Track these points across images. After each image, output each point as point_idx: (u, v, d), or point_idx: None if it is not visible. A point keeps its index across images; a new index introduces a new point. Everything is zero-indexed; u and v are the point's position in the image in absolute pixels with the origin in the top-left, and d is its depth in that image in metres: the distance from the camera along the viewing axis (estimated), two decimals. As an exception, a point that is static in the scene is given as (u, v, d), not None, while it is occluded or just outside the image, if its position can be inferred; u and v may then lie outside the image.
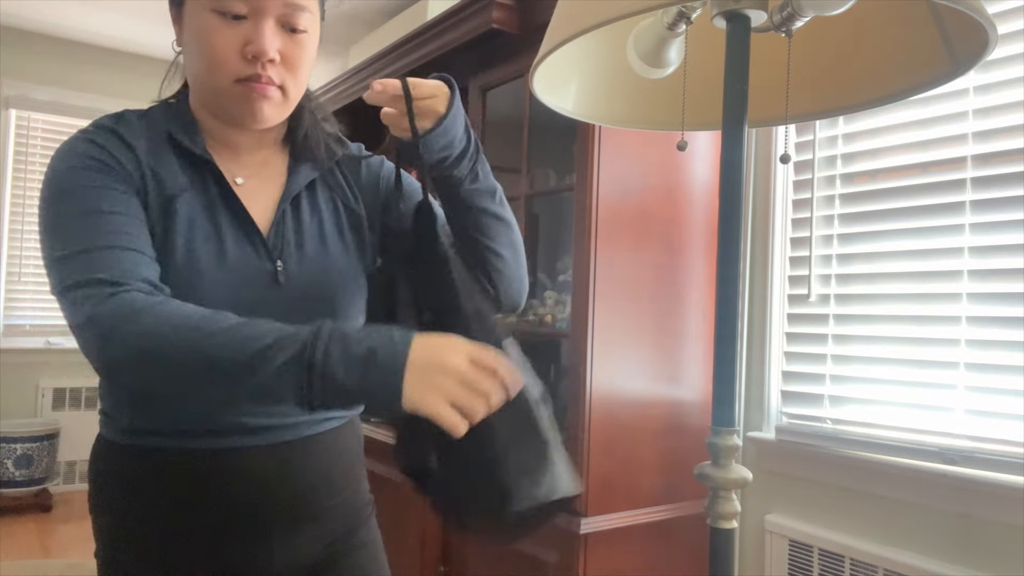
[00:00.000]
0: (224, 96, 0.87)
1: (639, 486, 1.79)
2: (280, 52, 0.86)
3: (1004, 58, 1.48)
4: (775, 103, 0.94)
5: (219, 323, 0.73)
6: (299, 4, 0.86)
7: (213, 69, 0.85)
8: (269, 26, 0.85)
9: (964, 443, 1.49)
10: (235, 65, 0.85)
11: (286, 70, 0.88)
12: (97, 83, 4.14)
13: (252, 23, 0.84)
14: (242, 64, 0.85)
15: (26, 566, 2.89)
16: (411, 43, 2.28)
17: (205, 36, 0.84)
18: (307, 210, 0.96)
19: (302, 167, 0.97)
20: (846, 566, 1.63)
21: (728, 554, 0.76)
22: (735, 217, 0.76)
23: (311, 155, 0.98)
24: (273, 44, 0.85)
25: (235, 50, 0.84)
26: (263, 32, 0.84)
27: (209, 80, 0.86)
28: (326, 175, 1.00)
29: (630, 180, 1.78)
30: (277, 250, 0.91)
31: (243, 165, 0.94)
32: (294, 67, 0.89)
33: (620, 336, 1.76)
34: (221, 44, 0.84)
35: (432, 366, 0.71)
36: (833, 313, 1.76)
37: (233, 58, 0.84)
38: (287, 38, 0.87)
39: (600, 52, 0.96)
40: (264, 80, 0.86)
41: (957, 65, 0.78)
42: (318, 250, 0.95)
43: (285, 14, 0.86)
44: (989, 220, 1.50)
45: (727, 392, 0.76)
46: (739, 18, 0.76)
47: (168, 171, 0.88)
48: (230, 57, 0.84)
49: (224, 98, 0.87)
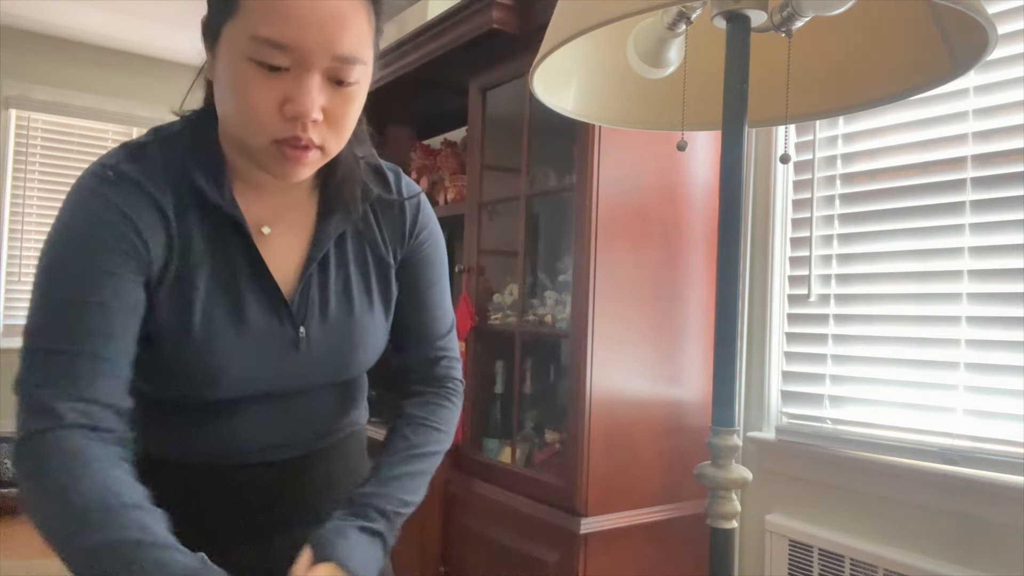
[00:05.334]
0: (258, 155, 0.76)
1: (639, 486, 1.79)
2: (325, 109, 0.74)
3: (1004, 58, 1.48)
4: (775, 103, 0.94)
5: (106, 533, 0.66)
6: (351, 56, 0.73)
7: (247, 126, 0.74)
8: (314, 82, 0.72)
9: (964, 443, 1.49)
10: (272, 124, 0.73)
11: (329, 128, 0.75)
12: (97, 83, 4.14)
13: (294, 76, 0.71)
14: (280, 123, 0.73)
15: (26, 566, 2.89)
16: (411, 43, 2.28)
17: (240, 88, 0.72)
18: (334, 266, 0.88)
19: (333, 215, 0.87)
20: (846, 566, 1.63)
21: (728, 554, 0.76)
22: (735, 217, 0.76)
23: (344, 202, 0.88)
24: (317, 102, 0.72)
25: (273, 107, 0.72)
26: (306, 89, 0.71)
27: (243, 135, 0.75)
28: (357, 221, 0.90)
29: (630, 180, 1.78)
30: (301, 316, 0.85)
31: (270, 208, 0.85)
32: (339, 125, 0.76)
33: (620, 336, 1.76)
34: (257, 100, 0.72)
35: None
36: (833, 313, 1.76)
37: (271, 116, 0.72)
38: (334, 93, 0.74)
39: (600, 52, 0.96)
40: (303, 143, 0.74)
41: (957, 65, 0.78)
42: (343, 310, 0.88)
43: (333, 68, 0.73)
44: (989, 220, 1.50)
45: (727, 392, 0.76)
46: (739, 18, 0.76)
47: (193, 238, 0.80)
48: (267, 115, 0.72)
49: (257, 154, 0.76)
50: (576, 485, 1.70)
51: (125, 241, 0.75)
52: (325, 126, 0.75)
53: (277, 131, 0.73)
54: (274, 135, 0.73)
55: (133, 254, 0.75)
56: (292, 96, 0.72)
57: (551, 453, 1.94)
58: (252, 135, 0.74)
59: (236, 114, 0.74)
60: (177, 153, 0.81)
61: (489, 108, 2.13)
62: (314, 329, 0.86)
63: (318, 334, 0.87)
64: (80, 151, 4.12)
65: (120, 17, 3.72)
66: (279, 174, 0.77)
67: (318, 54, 0.71)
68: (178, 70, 4.32)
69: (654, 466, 1.82)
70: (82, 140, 4.13)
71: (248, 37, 0.70)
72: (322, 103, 0.73)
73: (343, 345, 0.89)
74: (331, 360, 0.89)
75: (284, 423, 0.91)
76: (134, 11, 3.62)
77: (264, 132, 0.73)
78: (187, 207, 0.79)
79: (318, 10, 0.70)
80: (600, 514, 1.71)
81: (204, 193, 0.80)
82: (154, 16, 3.66)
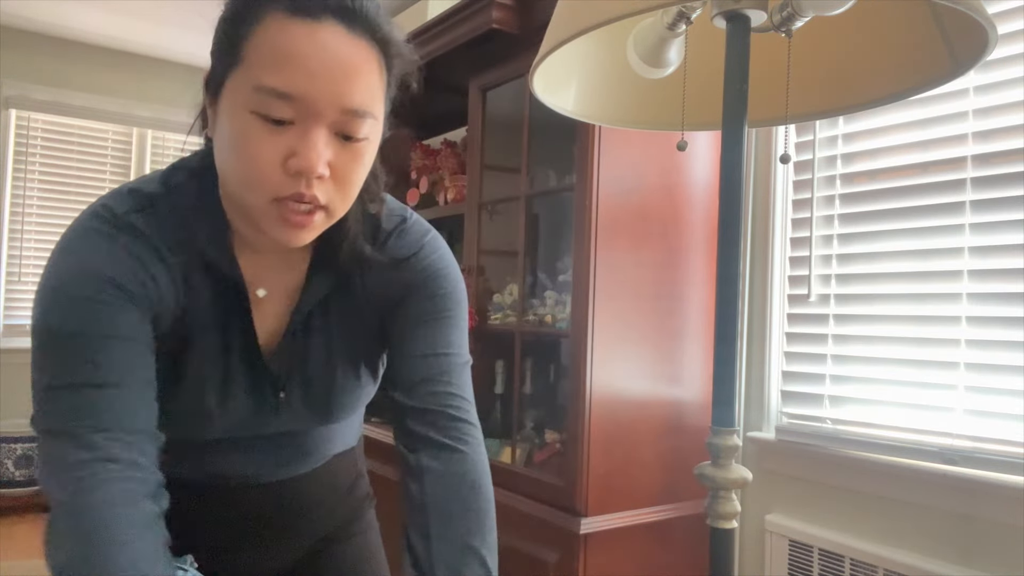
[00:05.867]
0: (258, 213, 0.70)
1: (639, 486, 1.79)
2: (331, 165, 0.69)
3: (1004, 58, 1.48)
4: (775, 103, 0.94)
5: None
6: (360, 110, 0.69)
7: (248, 182, 0.68)
8: (320, 135, 0.67)
9: (964, 443, 1.49)
10: (274, 181, 0.68)
11: (335, 187, 0.70)
12: (97, 83, 4.14)
13: (299, 130, 0.67)
14: (283, 180, 0.68)
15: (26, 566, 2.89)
16: (411, 43, 2.27)
17: (242, 142, 0.67)
18: (317, 327, 0.85)
19: (322, 275, 0.83)
20: (846, 566, 1.63)
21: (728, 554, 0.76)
22: (735, 217, 0.76)
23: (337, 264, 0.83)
24: (323, 157, 0.68)
25: (276, 163, 0.67)
26: (312, 143, 0.67)
27: (243, 193, 0.70)
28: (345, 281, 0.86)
29: (630, 180, 1.78)
30: (281, 381, 0.84)
31: (267, 268, 0.82)
32: (346, 184, 0.71)
33: (620, 336, 1.76)
34: (259, 155, 0.67)
35: None
36: (833, 313, 1.76)
37: (273, 172, 0.67)
38: (341, 148, 0.70)
39: (600, 52, 0.96)
40: (307, 200, 0.69)
41: (957, 65, 0.78)
42: (323, 373, 0.86)
43: (341, 122, 0.68)
44: (989, 220, 1.50)
45: (727, 392, 0.76)
46: (739, 18, 0.76)
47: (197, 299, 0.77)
48: (269, 171, 0.67)
49: (257, 215, 0.71)
50: (576, 485, 1.70)
51: (140, 285, 0.72)
52: (331, 184, 0.70)
53: (279, 188, 0.68)
54: (276, 192, 0.68)
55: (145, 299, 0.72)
56: (297, 151, 0.67)
57: (551, 453, 1.94)
58: (253, 193, 0.69)
59: (237, 170, 0.69)
60: (182, 209, 0.77)
61: (489, 108, 2.13)
62: (294, 392, 0.85)
63: (298, 396, 0.85)
64: (80, 151, 4.12)
65: (120, 17, 3.72)
66: (281, 238, 0.72)
67: (325, 106, 0.67)
68: (178, 70, 4.32)
69: (654, 466, 1.82)
70: (82, 140, 4.13)
71: (252, 88, 0.66)
72: (328, 158, 0.69)
73: (322, 407, 0.87)
74: (311, 418, 0.88)
75: (276, 456, 0.92)
76: (134, 11, 3.62)
77: (266, 189, 0.68)
78: (193, 272, 0.77)
79: (327, 60, 0.66)
80: (600, 514, 1.71)
81: (209, 258, 0.77)
82: (154, 16, 3.66)
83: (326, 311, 0.85)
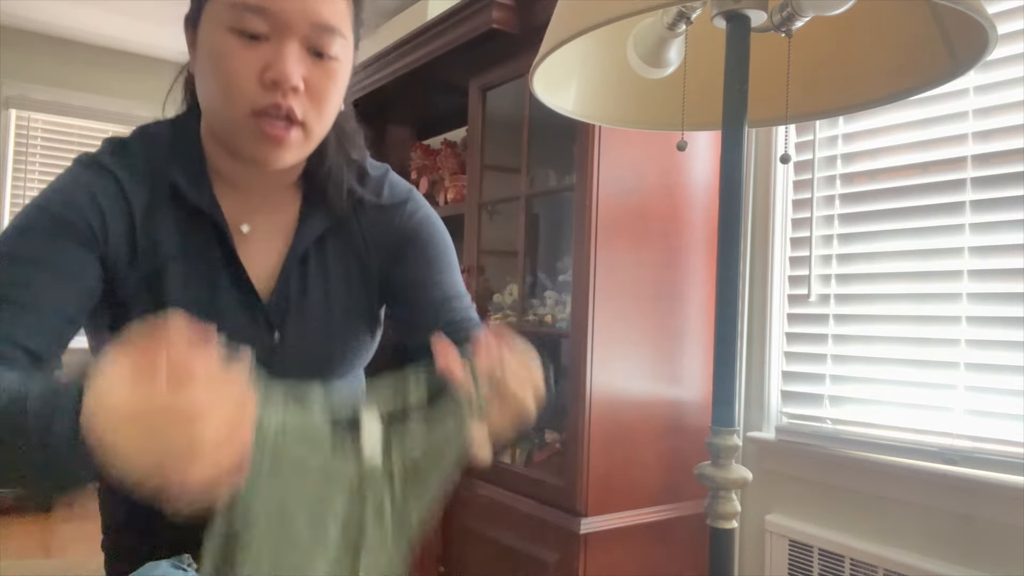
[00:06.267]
0: (238, 131, 0.76)
1: (639, 486, 1.79)
2: (305, 80, 0.75)
3: (1004, 58, 1.48)
4: (775, 103, 0.94)
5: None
6: (330, 25, 0.75)
7: (227, 97, 0.74)
8: (293, 48, 0.73)
9: (964, 443, 1.49)
10: (252, 93, 0.73)
11: (310, 102, 0.76)
12: (97, 83, 4.14)
13: (273, 45, 0.73)
14: (260, 91, 0.73)
15: (26, 566, 2.89)
16: (411, 43, 2.28)
17: (220, 59, 0.73)
18: (314, 268, 0.87)
19: (315, 215, 0.87)
20: (846, 566, 1.63)
21: (728, 554, 0.76)
22: (735, 217, 0.76)
23: (328, 201, 0.87)
24: (297, 69, 0.73)
25: (253, 75, 0.73)
26: (285, 55, 0.73)
27: (223, 110, 0.75)
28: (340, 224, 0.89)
29: (630, 180, 1.78)
30: (277, 319, 0.84)
31: (252, 209, 0.85)
32: (320, 99, 0.77)
33: (620, 336, 1.76)
34: (237, 68, 0.73)
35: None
36: (833, 313, 1.76)
37: (250, 84, 0.73)
38: (313, 64, 0.75)
39: (600, 52, 0.96)
40: (284, 113, 0.74)
41: (957, 65, 0.78)
42: (321, 315, 0.86)
43: (312, 36, 0.74)
44: (989, 220, 1.50)
45: (727, 392, 0.76)
46: (739, 18, 0.76)
47: (166, 231, 0.80)
48: (247, 83, 0.73)
49: (237, 134, 0.76)
50: (576, 485, 1.70)
51: (84, 221, 0.76)
52: (306, 99, 0.75)
53: (256, 99, 0.73)
54: (253, 104, 0.73)
55: (89, 233, 0.76)
56: (271, 63, 0.73)
57: (551, 453, 1.94)
58: (232, 107, 0.74)
59: (216, 87, 0.74)
60: (158, 152, 0.82)
61: (489, 108, 2.13)
62: (290, 332, 0.84)
63: (294, 338, 0.85)
64: (80, 151, 4.12)
65: (120, 17, 3.72)
66: (260, 156, 0.76)
67: (296, 20, 0.73)
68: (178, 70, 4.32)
69: (654, 466, 1.82)
70: (82, 140, 4.13)
71: (227, 5, 0.73)
72: (302, 72, 0.74)
73: (320, 351, 0.87)
74: (307, 365, 0.86)
75: None
76: (134, 11, 3.62)
77: (244, 101, 0.73)
78: (160, 205, 0.80)
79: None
80: (600, 514, 1.71)
81: (182, 191, 0.80)
82: (154, 16, 3.66)
83: (323, 253, 0.87)
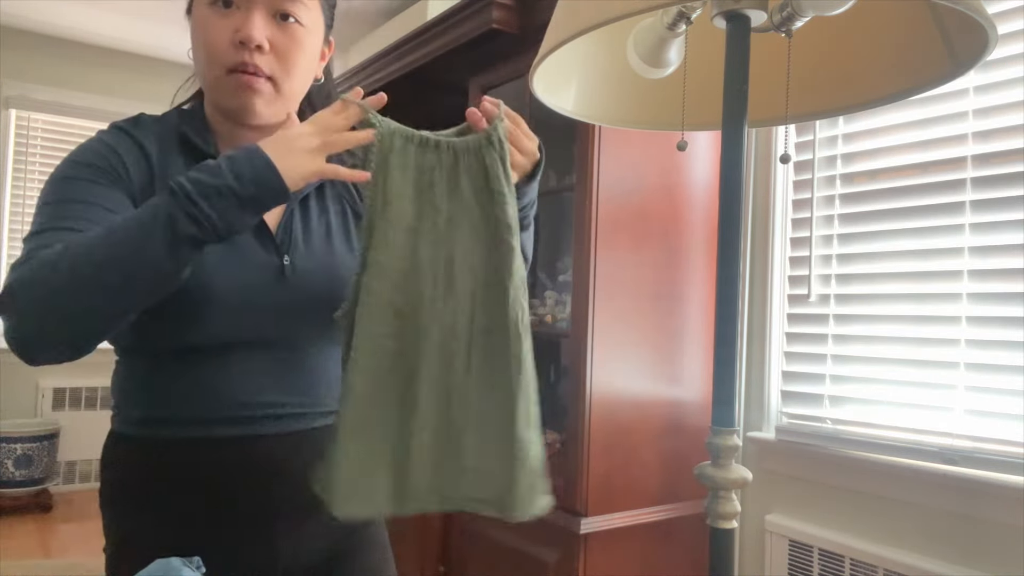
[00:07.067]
0: (219, 89, 0.90)
1: (639, 486, 1.79)
2: (270, 41, 0.88)
3: (1004, 58, 1.48)
4: (775, 103, 0.94)
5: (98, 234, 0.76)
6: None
7: (208, 60, 0.88)
8: (258, 14, 0.87)
9: (964, 443, 1.49)
10: (225, 54, 0.87)
11: (277, 61, 0.89)
12: (97, 83, 4.14)
13: (243, 12, 0.87)
14: (232, 52, 0.87)
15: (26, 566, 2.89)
16: (411, 43, 2.28)
17: (201, 30, 0.88)
18: (315, 211, 0.98)
19: None
20: (846, 566, 1.63)
21: (728, 554, 0.76)
22: (735, 217, 0.76)
23: None
24: (261, 32, 0.87)
25: (226, 39, 0.87)
26: (251, 19, 0.87)
27: (207, 72, 0.89)
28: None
29: (630, 180, 1.78)
30: (285, 246, 0.93)
31: None
32: (285, 58, 0.90)
33: (620, 336, 1.76)
34: (214, 34, 0.87)
35: (286, 139, 0.77)
36: (833, 313, 1.76)
37: (224, 47, 0.87)
38: (277, 28, 0.89)
39: (600, 52, 0.96)
40: (251, 69, 0.87)
41: (957, 65, 0.78)
42: (324, 249, 0.96)
43: (275, 3, 0.88)
44: (989, 220, 1.50)
45: (727, 392, 0.76)
46: (739, 18, 0.76)
47: (177, 171, 0.89)
48: (221, 46, 0.87)
49: (219, 91, 0.90)
50: (576, 485, 1.70)
51: (106, 162, 0.86)
52: (273, 58, 0.89)
53: (229, 59, 0.87)
54: (226, 63, 0.87)
55: (112, 171, 0.86)
56: (240, 27, 0.87)
57: (551, 453, 1.94)
58: (212, 68, 0.88)
59: (201, 53, 0.89)
60: (168, 122, 0.94)
61: (489, 108, 2.13)
62: (298, 259, 0.93)
63: (302, 265, 0.93)
64: (80, 151, 4.13)
65: (120, 17, 3.72)
66: (238, 105, 0.89)
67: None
68: (178, 70, 4.32)
69: (654, 466, 1.82)
70: (82, 140, 4.14)
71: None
72: (267, 35, 0.88)
73: (326, 278, 0.94)
74: (317, 294, 0.93)
75: (278, 378, 0.91)
76: (134, 11, 3.62)
77: (219, 62, 0.88)
78: (171, 151, 0.91)
79: None
80: (600, 514, 1.71)
81: (190, 139, 0.92)
82: (154, 16, 3.66)
83: (321, 197, 0.99)
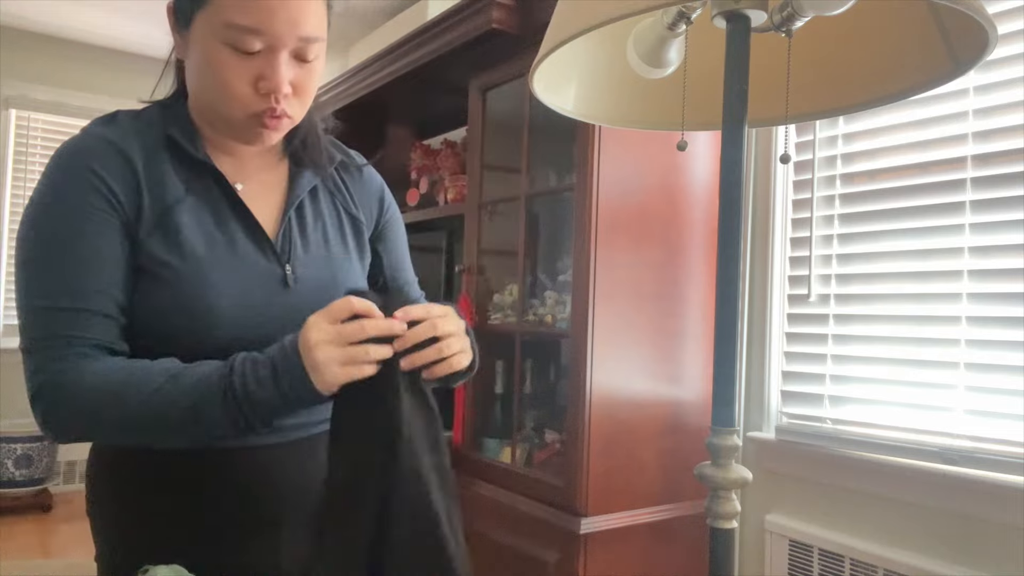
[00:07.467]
0: (234, 125, 0.88)
1: (639, 486, 1.79)
2: (292, 83, 0.86)
3: (1004, 58, 1.48)
4: (775, 103, 0.94)
5: (149, 386, 0.77)
6: (312, 36, 0.85)
7: (224, 101, 0.85)
8: (283, 61, 0.84)
9: (964, 443, 1.49)
10: (248, 100, 0.84)
11: (297, 98, 0.88)
12: (97, 83, 4.14)
13: (265, 57, 0.83)
14: (255, 99, 0.84)
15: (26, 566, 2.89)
16: (411, 43, 2.28)
17: (217, 69, 0.83)
18: (311, 216, 0.97)
19: (304, 173, 0.98)
20: (846, 566, 1.63)
21: (728, 554, 0.76)
22: (735, 217, 0.76)
23: (312, 161, 0.99)
24: (287, 78, 0.84)
25: (248, 85, 0.84)
26: (277, 68, 0.83)
27: (221, 108, 0.86)
28: (326, 180, 1.01)
29: (630, 180, 1.78)
30: (286, 255, 0.92)
31: (242, 171, 0.94)
32: (304, 95, 0.89)
33: (620, 336, 1.76)
34: (234, 79, 0.83)
35: (307, 349, 0.76)
36: (833, 313, 1.76)
37: (246, 93, 0.84)
38: (299, 69, 0.86)
39: (600, 52, 0.96)
40: (277, 114, 0.86)
41: (957, 65, 0.78)
42: (323, 255, 0.96)
43: (299, 48, 0.85)
44: (989, 220, 1.50)
45: (727, 392, 0.76)
46: (739, 18, 0.76)
47: (167, 179, 0.87)
48: (243, 92, 0.84)
49: (234, 127, 0.88)
50: (576, 485, 1.70)
51: (95, 194, 0.83)
52: (293, 97, 0.87)
53: (253, 105, 0.85)
54: (251, 109, 0.85)
55: (103, 205, 0.83)
56: (265, 75, 0.83)
57: (551, 453, 1.94)
58: (230, 111, 0.85)
59: (213, 91, 0.85)
60: (150, 121, 0.90)
61: (489, 108, 2.13)
62: (299, 267, 0.93)
63: (303, 272, 0.93)
64: (80, 151, 4.13)
65: (120, 17, 3.72)
66: (253, 141, 0.89)
67: (286, 37, 0.82)
68: (178, 70, 4.32)
69: (654, 466, 1.82)
70: (82, 140, 4.14)
71: (223, 25, 0.81)
72: (290, 78, 0.85)
73: (329, 286, 0.94)
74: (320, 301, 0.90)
75: None
76: (134, 11, 3.62)
77: (242, 108, 0.85)
78: (157, 153, 0.88)
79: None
80: (600, 514, 1.71)
81: (178, 143, 0.89)
82: (154, 17, 3.66)
83: (316, 202, 0.99)
